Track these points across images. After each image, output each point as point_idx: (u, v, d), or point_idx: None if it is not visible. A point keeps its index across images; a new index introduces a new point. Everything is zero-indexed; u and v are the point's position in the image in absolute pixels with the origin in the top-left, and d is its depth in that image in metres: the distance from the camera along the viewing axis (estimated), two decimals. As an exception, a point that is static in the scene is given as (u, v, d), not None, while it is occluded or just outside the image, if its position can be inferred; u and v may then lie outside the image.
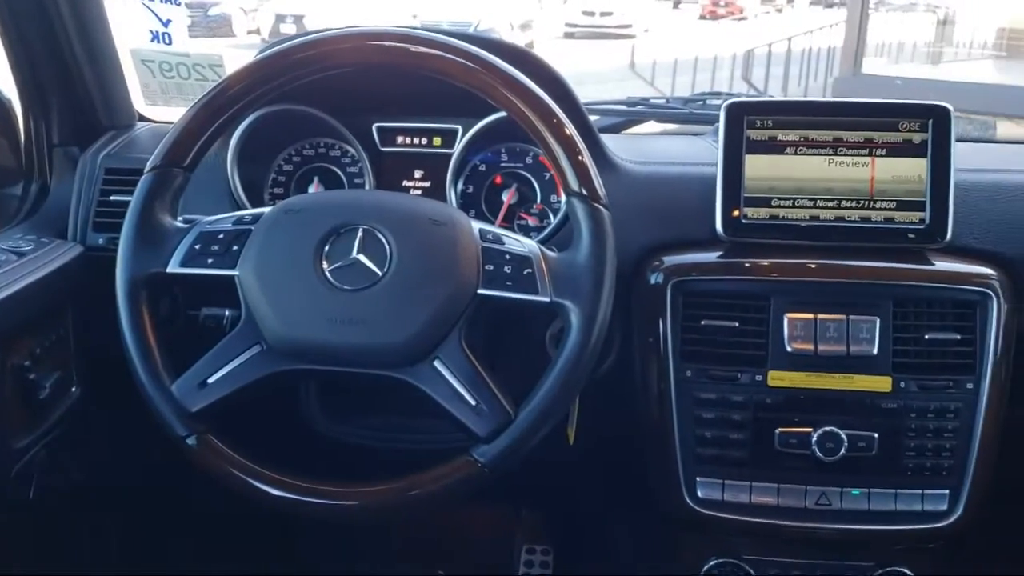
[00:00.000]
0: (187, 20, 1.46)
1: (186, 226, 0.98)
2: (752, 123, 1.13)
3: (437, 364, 0.93)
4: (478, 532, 1.82)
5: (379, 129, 1.31)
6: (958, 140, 1.13)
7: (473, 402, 0.93)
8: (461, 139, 1.27)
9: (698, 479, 1.14)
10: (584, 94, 1.30)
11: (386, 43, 0.96)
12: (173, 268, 0.96)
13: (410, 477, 0.94)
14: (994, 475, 1.12)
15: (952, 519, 1.12)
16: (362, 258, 0.94)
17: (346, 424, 1.32)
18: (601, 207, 0.96)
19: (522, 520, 1.83)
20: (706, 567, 1.19)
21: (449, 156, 1.27)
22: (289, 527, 1.65)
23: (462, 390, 0.93)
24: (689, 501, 1.14)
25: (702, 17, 21.45)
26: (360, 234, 0.95)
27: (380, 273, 0.93)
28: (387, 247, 0.94)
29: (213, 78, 1.46)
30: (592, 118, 1.28)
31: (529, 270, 0.95)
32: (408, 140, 1.31)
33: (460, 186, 1.28)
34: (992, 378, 1.10)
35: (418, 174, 1.31)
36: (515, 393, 0.95)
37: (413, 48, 0.96)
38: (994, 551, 1.58)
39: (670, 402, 1.14)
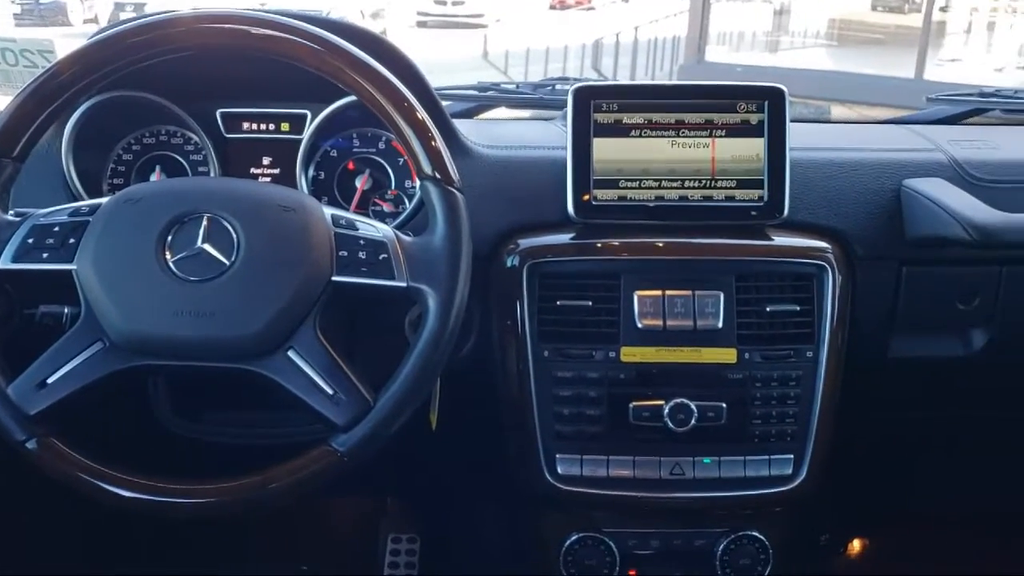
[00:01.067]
0: (12, 6, 1.37)
1: (17, 219, 0.93)
2: (599, 107, 1.16)
3: (291, 354, 0.91)
4: (342, 524, 1.80)
5: (223, 115, 1.27)
6: (794, 121, 1.19)
7: (330, 391, 0.91)
8: (310, 124, 1.24)
9: (557, 456, 1.16)
10: (437, 83, 1.30)
11: (227, 25, 0.93)
12: (4, 264, 0.91)
13: (266, 471, 0.92)
14: (833, 439, 1.19)
15: (797, 482, 1.18)
16: (208, 247, 0.91)
17: (199, 421, 1.27)
18: (455, 191, 0.96)
19: (387, 510, 1.82)
20: (568, 543, 1.21)
21: (298, 142, 1.24)
22: (137, 529, 1.59)
23: (318, 379, 0.91)
24: (549, 478, 1.16)
25: (552, 7, 21.78)
26: (205, 222, 0.92)
27: (227, 263, 0.90)
28: (234, 235, 0.91)
29: (43, 64, 1.37)
30: (444, 103, 1.28)
31: (384, 255, 0.94)
32: (254, 126, 1.28)
33: (311, 172, 1.26)
34: (829, 346, 1.16)
35: (266, 161, 1.28)
36: (376, 380, 0.94)
37: (255, 31, 0.93)
38: (834, 512, 1.69)
39: (529, 382, 1.16)
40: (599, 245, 1.16)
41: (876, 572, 1.82)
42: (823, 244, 1.18)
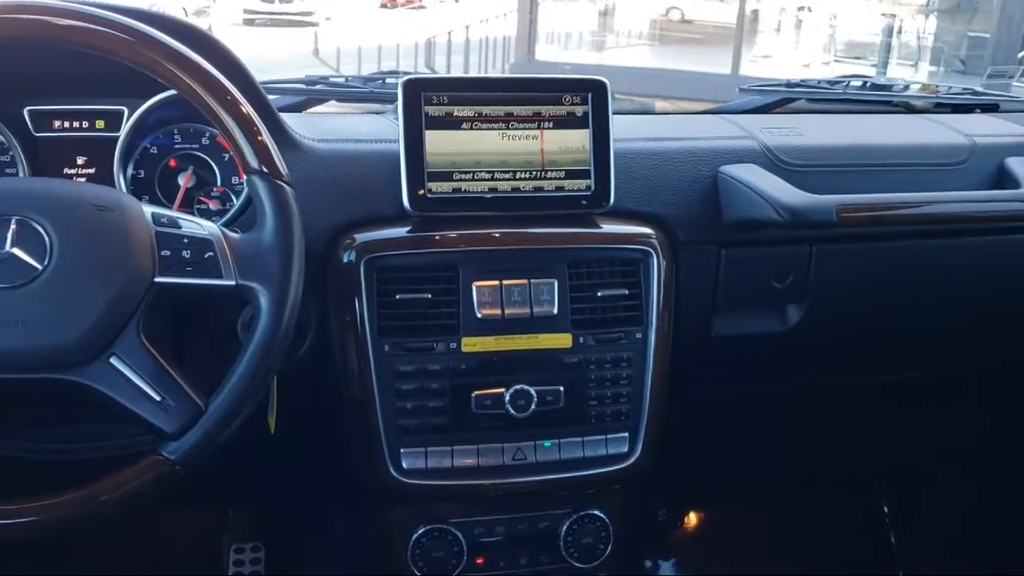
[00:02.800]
0: None
1: None
2: (429, 99, 1.16)
3: (114, 361, 0.87)
4: (181, 538, 1.73)
5: (32, 113, 1.19)
6: (618, 114, 1.23)
7: (158, 398, 0.88)
8: (127, 121, 1.18)
9: (402, 451, 1.16)
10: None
11: (26, 16, 0.87)
12: None
13: (92, 485, 0.87)
14: (665, 416, 1.24)
15: (633, 459, 1.22)
16: (17, 252, 0.85)
17: (15, 439, 1.19)
18: (284, 184, 0.94)
19: (229, 519, 1.77)
20: (415, 536, 1.21)
21: (115, 140, 1.18)
22: None
23: (145, 386, 0.87)
24: (394, 473, 1.16)
25: (383, 5, 21.64)
26: (13, 226, 0.86)
27: (39, 267, 0.85)
28: (46, 238, 0.86)
29: None
30: (271, 97, 1.25)
31: (211, 253, 0.91)
32: (67, 124, 1.20)
33: (130, 171, 1.20)
34: (657, 327, 1.22)
35: (81, 160, 1.21)
36: (211, 385, 0.91)
37: (58, 21, 0.88)
38: (670, 487, 1.76)
39: (370, 378, 1.15)
40: (436, 237, 1.17)
41: (712, 543, 1.92)
42: (647, 230, 1.23)
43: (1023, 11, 9.49)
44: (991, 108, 1.64)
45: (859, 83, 1.67)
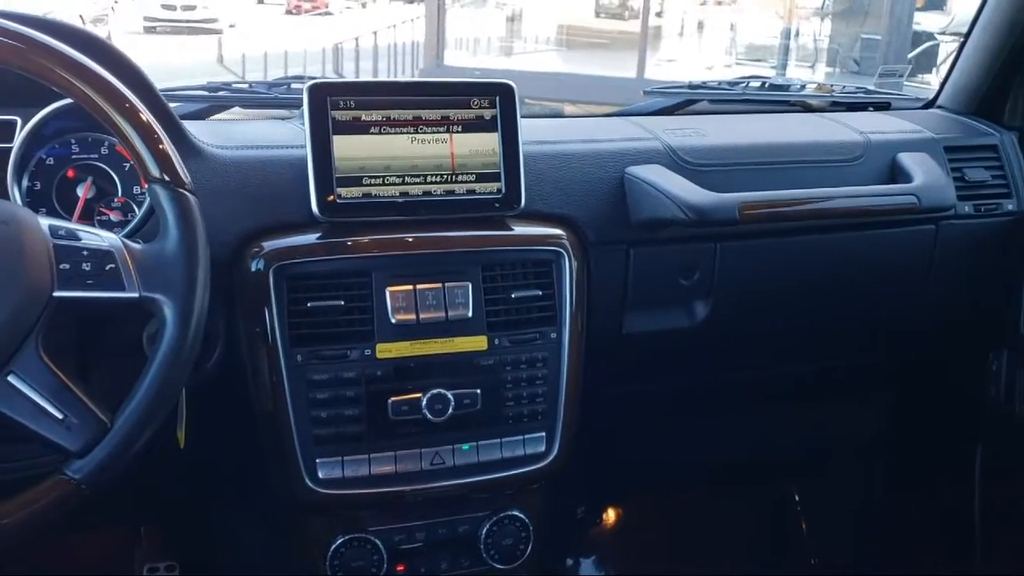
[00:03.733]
0: None
1: None
2: (336, 104, 1.15)
3: (12, 379, 0.84)
4: (93, 558, 1.67)
5: None
6: (527, 117, 1.24)
7: (60, 416, 0.85)
8: (20, 131, 1.14)
9: (318, 461, 1.14)
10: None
11: None
12: None
13: None
14: (581, 414, 1.26)
15: (550, 459, 1.23)
16: None
17: None
18: (186, 193, 0.92)
19: (142, 538, 1.71)
20: (333, 547, 1.20)
21: (8, 151, 1.14)
22: None
23: (46, 404, 0.84)
24: (310, 484, 1.14)
25: (288, 12, 21.32)
26: None
27: None
28: None
29: None
30: (172, 105, 1.22)
31: (112, 265, 0.88)
32: None
33: (25, 183, 1.15)
34: (571, 327, 1.23)
35: None
36: (117, 402, 0.88)
37: None
38: (588, 485, 1.78)
39: (283, 389, 1.13)
40: (349, 243, 1.15)
41: (631, 538, 1.95)
42: (558, 231, 1.25)
43: (911, 14, 9.94)
44: (883, 106, 1.71)
45: (758, 84, 1.73)
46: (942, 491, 1.85)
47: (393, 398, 1.15)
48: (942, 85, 1.70)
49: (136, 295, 0.88)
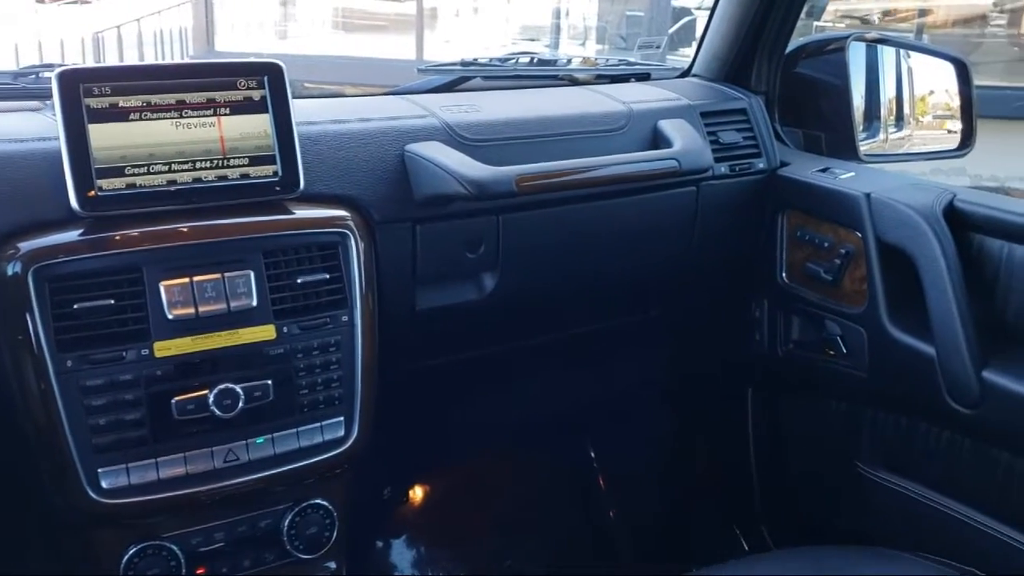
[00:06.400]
0: None
1: None
2: (90, 91, 1.08)
3: None
4: None
5: None
6: (302, 98, 1.21)
7: None
8: None
9: (99, 470, 1.08)
10: None
11: None
12: None
13: None
14: (378, 395, 1.26)
15: (350, 443, 1.22)
16: None
17: None
18: None
19: None
20: (126, 558, 1.13)
21: None
22: None
23: None
24: (94, 495, 1.08)
25: (39, 0, 19.68)
26: None
27: None
28: None
29: None
30: None
31: None
32: None
33: None
34: (362, 309, 1.22)
35: None
36: None
37: None
38: (391, 465, 1.78)
39: (54, 399, 1.06)
40: (116, 238, 1.09)
41: (439, 512, 1.97)
42: (342, 213, 1.23)
43: (670, -9, 10.49)
44: (644, 77, 1.80)
45: (527, 59, 1.78)
46: (721, 433, 2.00)
47: (177, 397, 1.10)
48: (695, 55, 1.82)
49: None
